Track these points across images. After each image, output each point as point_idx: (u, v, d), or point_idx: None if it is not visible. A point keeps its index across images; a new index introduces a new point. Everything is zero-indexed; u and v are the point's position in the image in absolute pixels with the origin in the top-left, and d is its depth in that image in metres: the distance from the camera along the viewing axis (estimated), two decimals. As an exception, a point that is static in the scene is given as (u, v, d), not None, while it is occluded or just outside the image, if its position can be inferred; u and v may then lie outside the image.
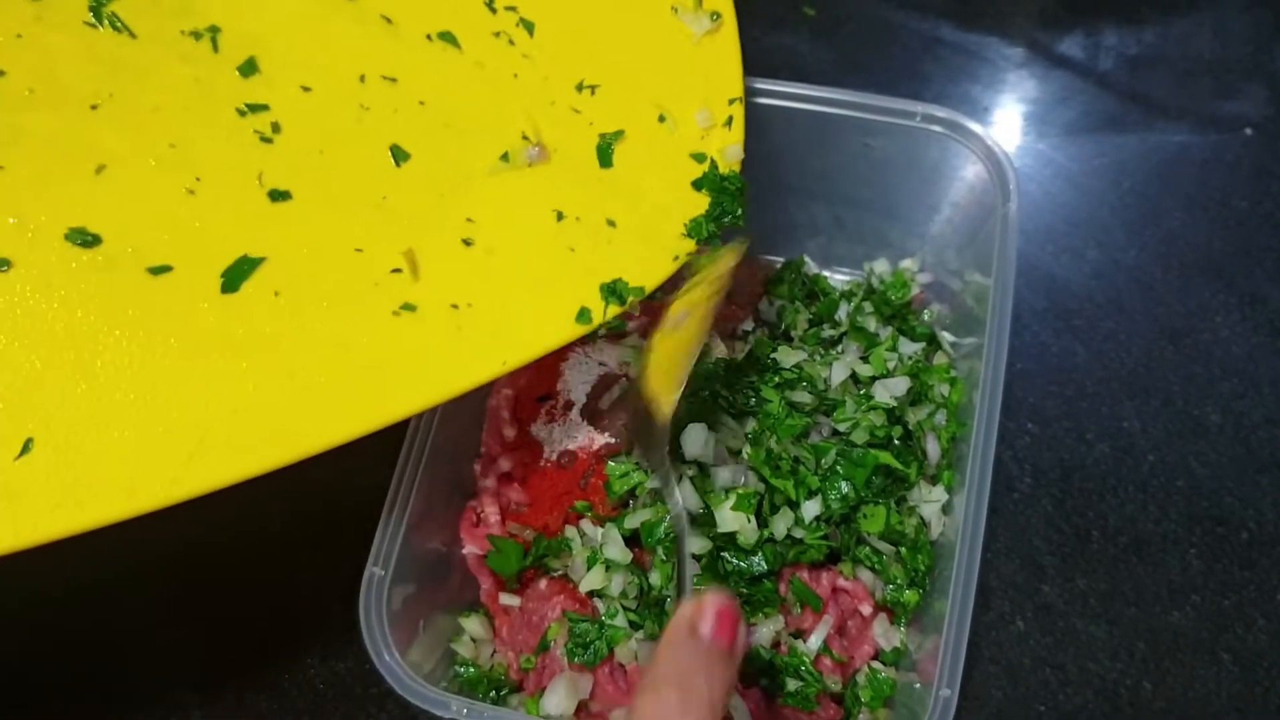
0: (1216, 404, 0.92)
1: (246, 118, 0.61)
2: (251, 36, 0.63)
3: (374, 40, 0.67)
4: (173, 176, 0.58)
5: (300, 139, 0.62)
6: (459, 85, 0.68)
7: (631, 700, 0.51)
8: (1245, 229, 1.00)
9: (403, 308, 0.61)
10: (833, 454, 0.75)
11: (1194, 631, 0.83)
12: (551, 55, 0.72)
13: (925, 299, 0.92)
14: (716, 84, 0.77)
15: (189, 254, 0.56)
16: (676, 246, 0.71)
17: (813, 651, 0.73)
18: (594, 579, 0.75)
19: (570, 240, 0.68)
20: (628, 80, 0.74)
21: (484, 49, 0.70)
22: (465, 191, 0.66)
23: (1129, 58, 1.11)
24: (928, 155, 0.85)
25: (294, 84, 0.63)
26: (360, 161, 0.63)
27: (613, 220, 0.69)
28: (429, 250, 0.63)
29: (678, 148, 0.74)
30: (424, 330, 0.61)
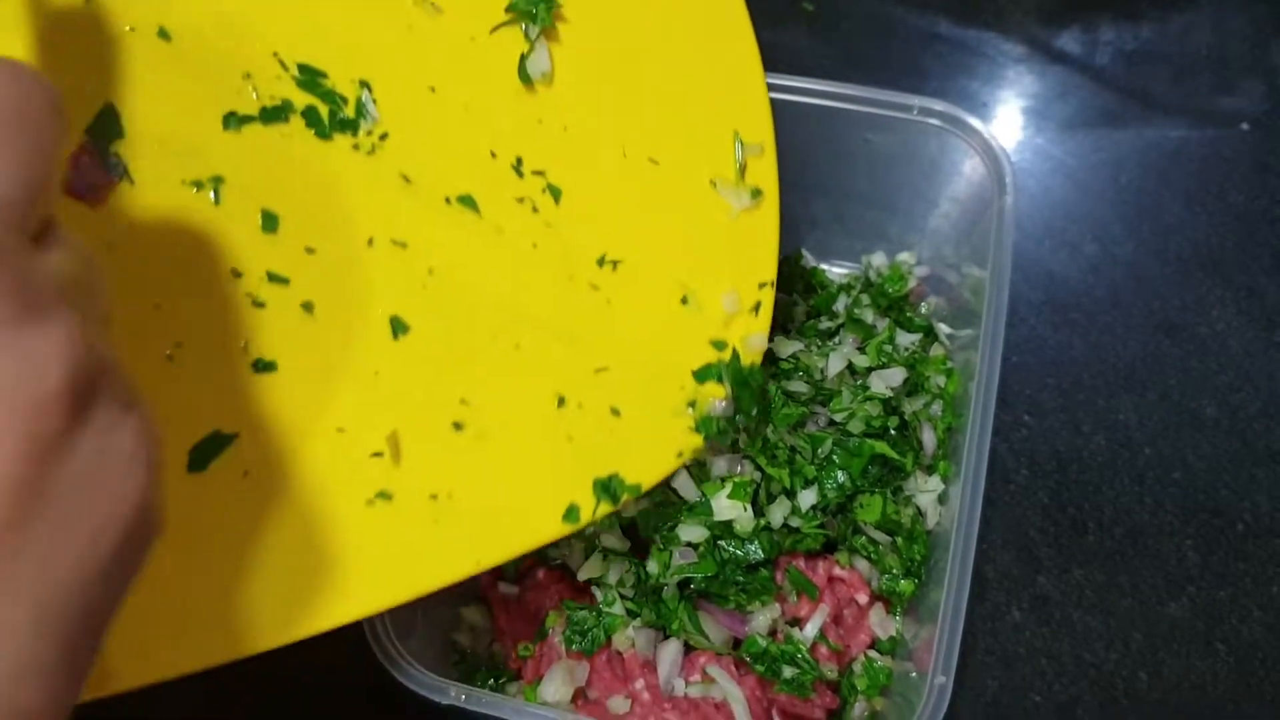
0: (1213, 397, 0.92)
1: (241, 279, 0.54)
2: (258, 190, 0.56)
3: (388, 201, 0.60)
4: (152, 340, 0.52)
5: (294, 305, 0.56)
6: (472, 254, 0.62)
7: None
8: (1242, 224, 1.00)
9: (378, 495, 0.56)
10: (829, 443, 0.75)
11: (1190, 622, 0.84)
12: (575, 225, 0.66)
13: (922, 292, 0.93)
14: (748, 266, 0.71)
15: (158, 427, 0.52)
16: (683, 442, 0.66)
17: (809, 640, 0.74)
18: (591, 567, 0.75)
19: (569, 429, 0.63)
20: (653, 256, 0.68)
21: (505, 215, 0.64)
22: (465, 370, 0.60)
23: (1127, 53, 1.11)
24: (925, 149, 0.85)
25: (298, 245, 0.56)
26: (356, 332, 0.58)
27: (618, 409, 0.64)
28: (416, 433, 0.58)
29: (698, 333, 0.68)
30: (398, 521, 0.56)
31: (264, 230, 0.56)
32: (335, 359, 0.57)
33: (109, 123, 0.52)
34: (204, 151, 0.55)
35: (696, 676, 0.73)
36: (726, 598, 0.74)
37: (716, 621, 0.74)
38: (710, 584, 0.73)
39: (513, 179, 0.65)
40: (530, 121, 0.67)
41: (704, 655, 0.73)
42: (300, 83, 0.58)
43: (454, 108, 0.64)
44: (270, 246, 0.56)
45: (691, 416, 0.67)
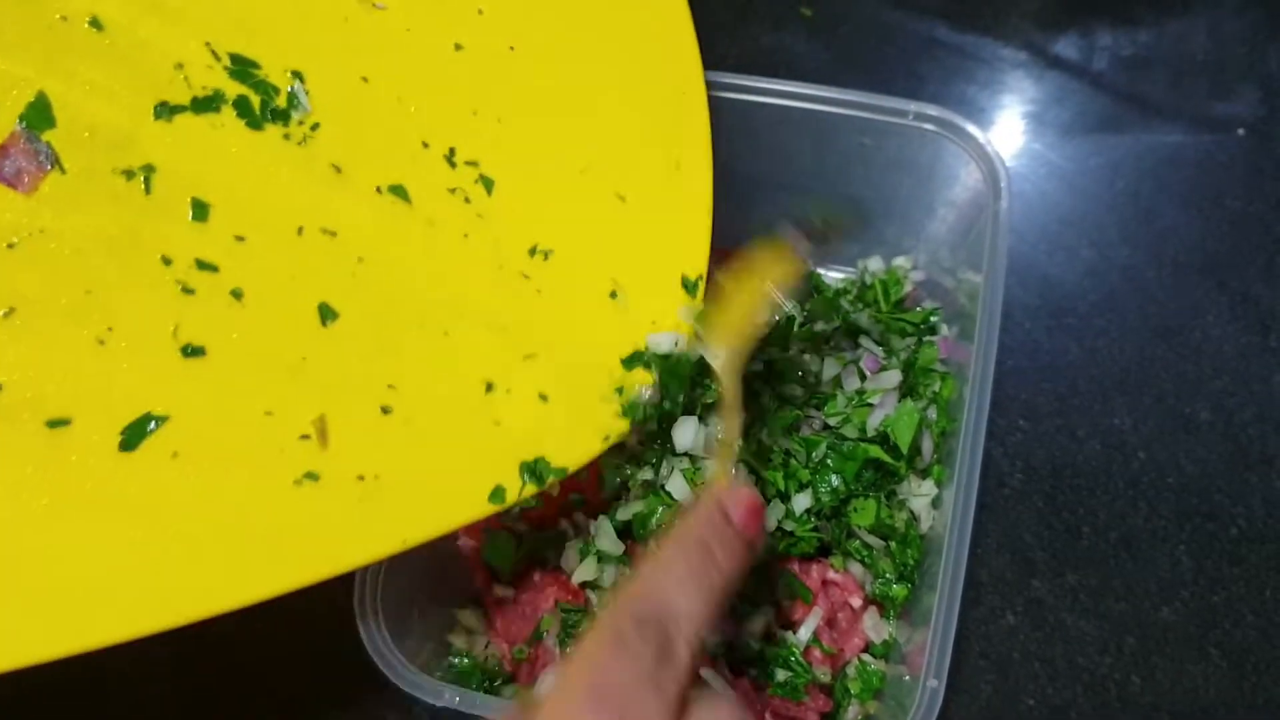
0: (1207, 402, 0.93)
1: (171, 267, 0.56)
2: (188, 179, 0.57)
3: (318, 191, 0.61)
4: (84, 325, 0.53)
5: (224, 292, 0.57)
6: (403, 243, 0.64)
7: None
8: (1237, 229, 1.01)
9: (305, 476, 0.57)
10: (823, 447, 0.76)
11: (1183, 627, 0.84)
12: (507, 216, 0.68)
13: (919, 296, 0.93)
14: (681, 258, 0.73)
15: (90, 408, 0.52)
16: (609, 426, 0.68)
17: (802, 643, 0.74)
18: (586, 570, 0.75)
19: (497, 413, 0.64)
20: (584, 248, 0.70)
21: (436, 205, 0.65)
22: (393, 356, 0.62)
23: (1124, 58, 1.11)
24: (922, 154, 0.85)
25: (228, 233, 0.58)
26: (285, 319, 0.59)
27: (545, 395, 0.66)
28: (343, 417, 0.59)
29: (627, 323, 0.70)
30: (324, 501, 0.57)
31: (194, 219, 0.57)
32: (264, 345, 0.58)
33: (41, 112, 0.54)
34: (135, 141, 0.56)
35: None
36: (720, 601, 0.74)
37: (710, 624, 0.74)
38: (704, 587, 0.73)
39: (445, 169, 0.66)
40: (464, 113, 0.68)
41: (698, 658, 0.74)
42: (232, 73, 0.59)
43: (387, 99, 0.65)
44: (200, 234, 0.57)
45: (619, 402, 0.69)
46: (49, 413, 0.52)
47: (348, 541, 0.58)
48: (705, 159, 0.75)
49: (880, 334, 0.87)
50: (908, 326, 0.88)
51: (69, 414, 0.52)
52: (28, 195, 0.53)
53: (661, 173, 0.73)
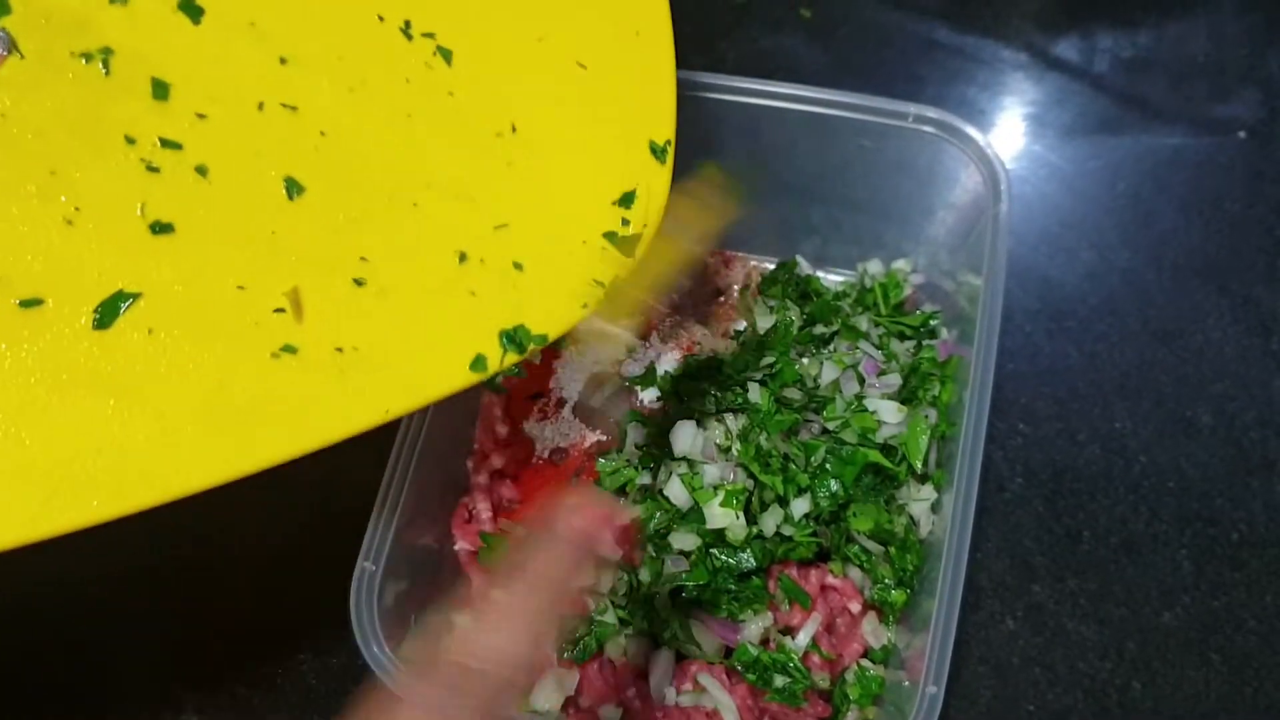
0: (1208, 405, 0.92)
1: (135, 146, 0.57)
2: (147, 59, 0.58)
3: (277, 67, 0.62)
4: (51, 205, 0.54)
5: (188, 169, 0.58)
6: (363, 116, 0.64)
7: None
8: (1238, 231, 1.00)
9: (283, 349, 0.57)
10: (822, 452, 0.75)
11: (1184, 632, 0.84)
12: (468, 87, 0.68)
13: (918, 299, 0.93)
14: (647, 125, 0.72)
15: (62, 287, 0.54)
16: (586, 293, 0.67)
17: (801, 648, 0.74)
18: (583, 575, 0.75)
19: (472, 283, 0.64)
20: (550, 118, 0.70)
21: (395, 78, 0.66)
22: (362, 228, 0.62)
23: (1124, 60, 1.11)
24: (921, 157, 0.85)
25: (188, 111, 0.59)
26: (251, 194, 0.60)
27: (520, 264, 0.66)
28: (317, 290, 0.59)
29: (600, 189, 0.70)
30: (304, 373, 0.58)
31: (155, 98, 0.58)
32: (231, 220, 0.59)
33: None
34: (92, 24, 0.58)
35: (688, 685, 0.73)
36: (718, 606, 0.74)
37: (708, 630, 0.74)
38: (702, 592, 0.73)
39: (402, 42, 0.66)
40: None
41: (695, 664, 0.73)
42: None
43: None
44: (162, 113, 0.58)
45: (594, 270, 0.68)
46: (20, 293, 0.53)
47: (329, 413, 0.58)
48: (665, 26, 0.74)
49: (880, 337, 0.86)
50: (907, 330, 0.88)
51: (41, 294, 0.53)
52: None
53: (620, 40, 0.73)
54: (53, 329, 0.53)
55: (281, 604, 0.87)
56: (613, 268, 0.68)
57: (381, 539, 0.72)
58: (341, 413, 0.59)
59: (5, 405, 0.51)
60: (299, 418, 0.57)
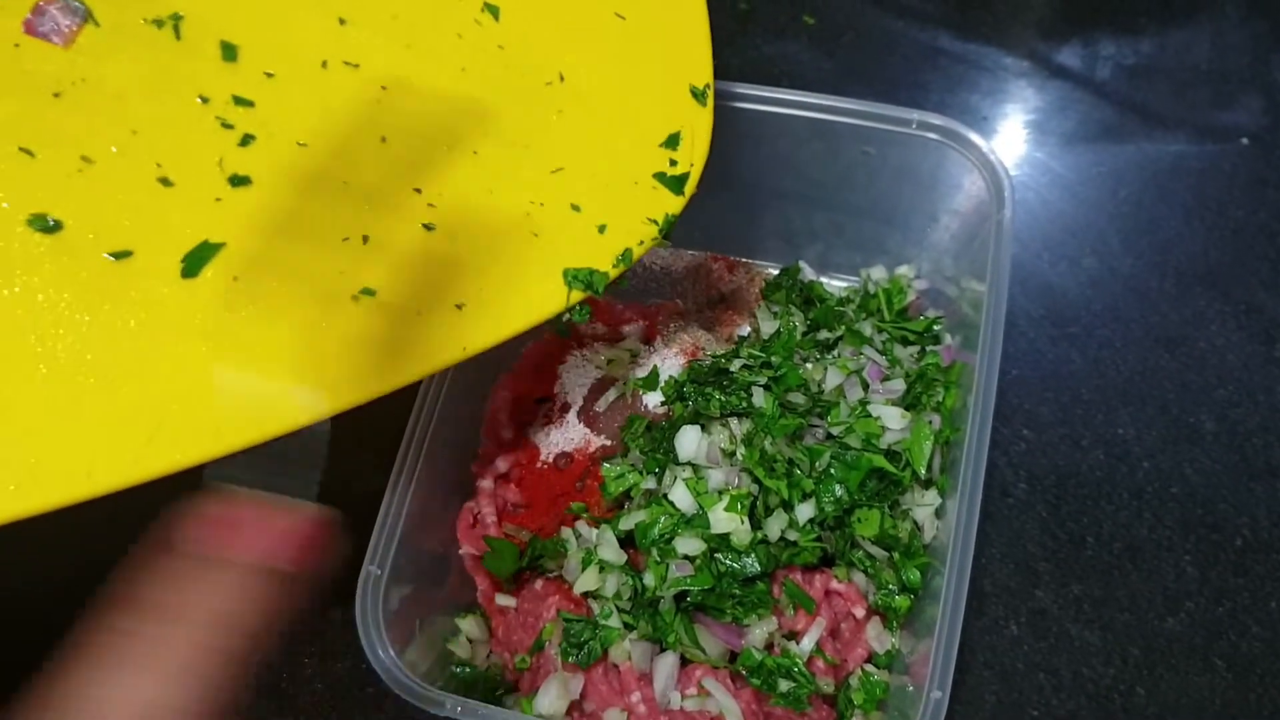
0: (1211, 411, 0.92)
1: (209, 104, 0.60)
2: (214, 24, 0.62)
3: (336, 27, 0.66)
4: (134, 163, 0.58)
5: (260, 125, 0.62)
6: (420, 70, 0.68)
7: None
8: (1241, 238, 1.01)
9: (362, 292, 0.60)
10: (827, 457, 0.75)
11: (1188, 638, 0.84)
12: (516, 40, 0.71)
13: (922, 305, 0.93)
14: (686, 70, 0.76)
15: (149, 239, 0.56)
16: (642, 231, 0.71)
17: (805, 653, 0.74)
18: (588, 580, 0.75)
19: (534, 225, 0.67)
20: (595, 66, 0.73)
21: (447, 34, 0.69)
22: (427, 176, 0.65)
23: (1127, 68, 1.11)
24: (925, 163, 0.85)
25: (257, 70, 0.62)
26: (319, 146, 0.63)
27: (578, 205, 0.69)
28: (389, 235, 0.62)
29: (647, 133, 0.73)
30: (383, 314, 0.61)
31: (224, 59, 0.62)
32: (303, 171, 0.62)
33: None
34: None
35: (692, 689, 0.73)
36: (723, 611, 0.74)
37: (713, 634, 0.74)
38: (707, 597, 0.73)
39: (453, 1, 0.70)
40: None
41: (700, 668, 0.73)
42: None
43: None
44: (232, 73, 0.62)
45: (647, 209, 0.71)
46: (110, 245, 0.55)
47: (409, 352, 0.61)
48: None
49: (883, 343, 0.87)
50: (910, 335, 0.88)
51: (129, 246, 0.56)
52: (66, 48, 0.58)
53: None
54: (143, 278, 0.55)
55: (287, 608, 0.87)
56: (664, 206, 0.71)
57: (387, 543, 0.72)
58: (420, 351, 0.61)
59: (104, 355, 0.53)
60: (381, 357, 0.60)
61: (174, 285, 0.56)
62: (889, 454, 0.77)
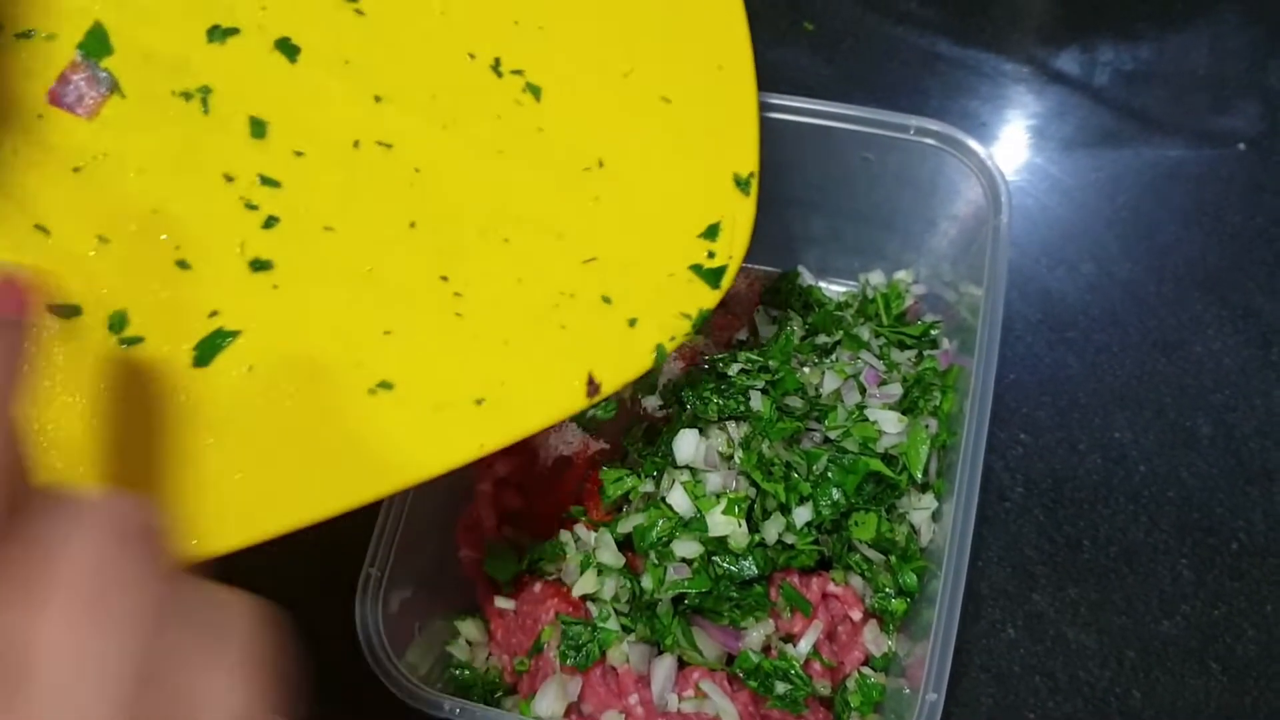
0: (1208, 416, 0.93)
1: (233, 183, 0.58)
2: (244, 98, 0.60)
3: (371, 105, 0.63)
4: (152, 243, 0.56)
5: (286, 206, 0.59)
6: (455, 151, 0.65)
7: None
8: (1238, 243, 1.01)
9: (379, 385, 0.58)
10: (824, 460, 0.76)
11: (1184, 641, 0.84)
12: (556, 123, 0.68)
13: (920, 310, 0.93)
14: (731, 157, 0.73)
15: (162, 325, 0.54)
16: (674, 327, 0.67)
17: (802, 656, 0.74)
18: (587, 583, 0.76)
19: (562, 317, 0.64)
20: (636, 154, 0.70)
21: (486, 114, 0.66)
22: (456, 264, 0.62)
23: (1125, 73, 1.12)
24: (924, 168, 0.86)
25: (286, 149, 0.60)
26: (347, 231, 0.61)
27: (609, 297, 0.65)
28: (411, 324, 0.60)
29: (687, 223, 0.70)
30: (400, 409, 0.58)
31: (253, 136, 0.59)
32: (328, 257, 0.59)
33: (98, 40, 0.57)
34: (190, 64, 0.59)
35: (690, 692, 0.73)
36: (720, 613, 0.74)
37: (710, 637, 0.74)
38: (704, 599, 0.74)
39: (492, 79, 0.67)
40: (506, 23, 0.69)
41: (697, 671, 0.74)
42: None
43: (431, 12, 0.67)
44: (260, 151, 0.59)
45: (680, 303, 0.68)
46: (122, 331, 0.54)
47: (426, 448, 0.59)
48: (747, 60, 0.76)
49: (881, 348, 0.87)
50: (908, 340, 0.89)
51: (141, 332, 0.54)
52: (90, 119, 0.56)
53: (704, 74, 0.74)
54: (153, 365, 0.54)
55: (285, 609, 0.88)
56: (698, 299, 0.68)
57: (386, 545, 0.73)
58: (437, 448, 0.59)
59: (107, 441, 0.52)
60: (396, 453, 0.57)
61: (184, 374, 0.54)
62: (886, 458, 0.77)
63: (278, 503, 0.54)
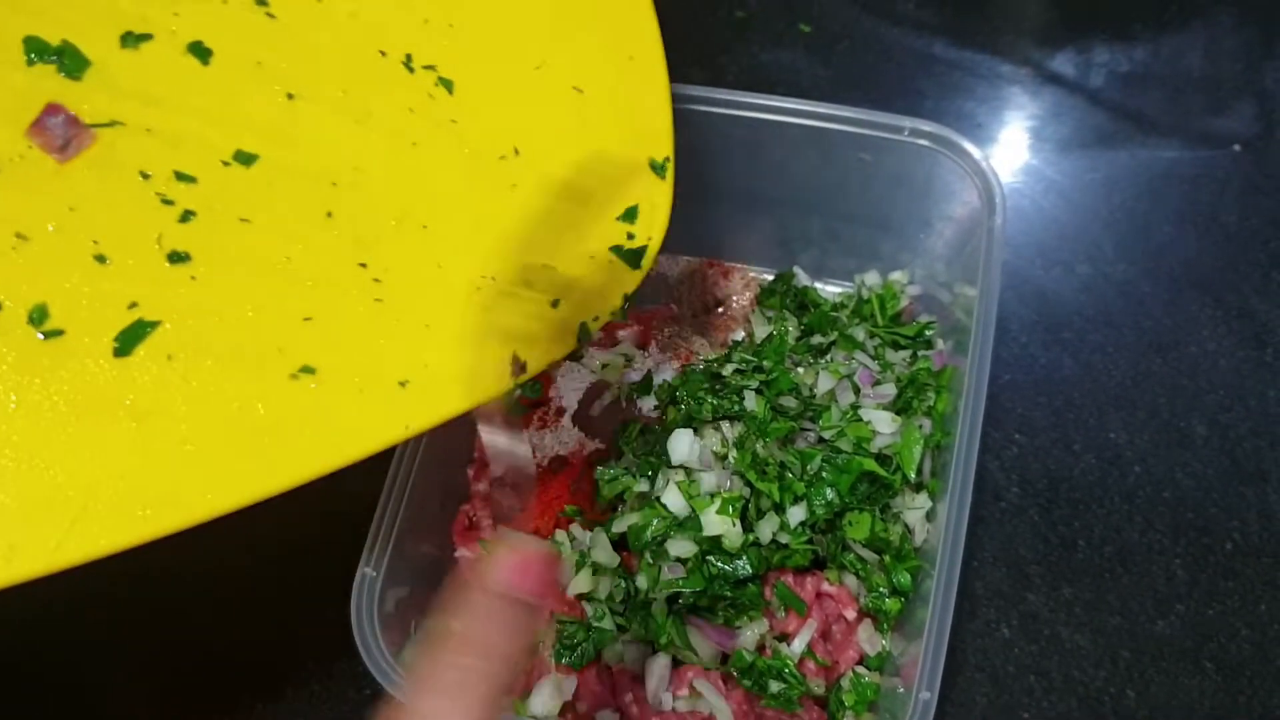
0: (1202, 416, 0.93)
1: (150, 180, 0.59)
2: (159, 100, 0.61)
3: (283, 102, 0.65)
4: (70, 240, 0.57)
5: (201, 201, 0.60)
6: (368, 146, 0.67)
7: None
8: (1233, 244, 1.01)
9: (301, 370, 0.59)
10: (818, 460, 0.76)
11: (1178, 641, 0.84)
12: (471, 115, 0.70)
13: (915, 310, 0.94)
14: (646, 143, 0.75)
15: (82, 318, 0.55)
16: (597, 306, 0.69)
17: (796, 655, 0.74)
18: (582, 582, 0.76)
19: (484, 300, 0.66)
20: (552, 141, 0.72)
21: (399, 109, 0.69)
22: (375, 251, 0.64)
23: (1120, 74, 1.12)
24: (919, 170, 0.86)
25: (201, 146, 0.62)
26: (262, 222, 0.62)
27: (530, 280, 0.67)
28: (331, 310, 0.61)
29: (605, 206, 0.72)
30: (323, 393, 0.59)
31: (162, 134, 0.61)
32: (245, 247, 0.61)
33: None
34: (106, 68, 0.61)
35: (684, 691, 0.74)
36: (715, 612, 0.75)
37: (705, 636, 0.74)
38: (699, 599, 0.74)
39: (404, 75, 0.69)
40: (416, 22, 0.71)
41: (692, 670, 0.74)
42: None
43: (340, 14, 0.69)
44: (175, 149, 0.61)
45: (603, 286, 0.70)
46: (43, 325, 0.54)
47: (351, 431, 0.60)
48: (657, 51, 0.77)
49: (875, 348, 0.87)
50: (903, 340, 0.89)
51: (61, 325, 0.55)
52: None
53: (615, 65, 0.76)
54: (74, 357, 0.54)
55: (284, 610, 0.88)
56: (621, 280, 0.70)
57: (383, 546, 0.73)
58: (363, 430, 0.60)
59: (30, 434, 0.52)
60: (321, 437, 0.58)
61: (106, 365, 0.55)
62: (880, 458, 0.77)
63: (203, 487, 0.55)
